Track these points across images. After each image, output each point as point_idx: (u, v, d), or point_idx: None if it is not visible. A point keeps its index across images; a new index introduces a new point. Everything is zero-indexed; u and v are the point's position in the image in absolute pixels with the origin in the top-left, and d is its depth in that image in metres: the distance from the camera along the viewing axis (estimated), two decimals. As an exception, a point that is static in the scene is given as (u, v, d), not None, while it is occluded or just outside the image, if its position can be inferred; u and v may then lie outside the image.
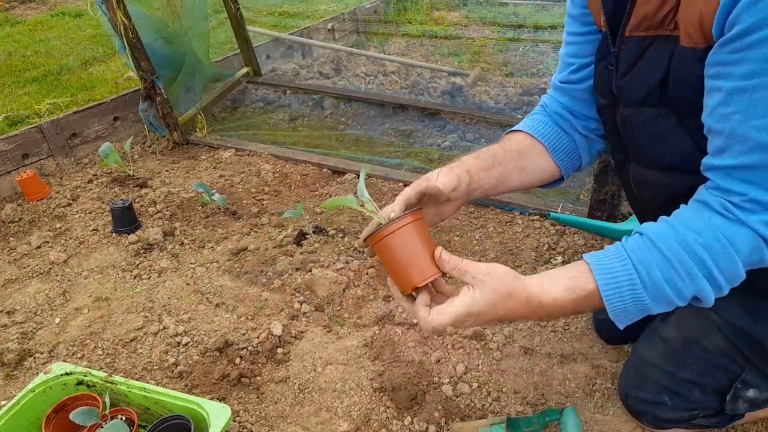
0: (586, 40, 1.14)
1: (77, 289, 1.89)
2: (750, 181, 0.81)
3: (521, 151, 1.17)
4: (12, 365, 1.58)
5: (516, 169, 1.15)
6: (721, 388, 1.14)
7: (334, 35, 4.65)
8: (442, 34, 4.78)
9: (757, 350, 1.09)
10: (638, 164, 1.07)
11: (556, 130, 1.20)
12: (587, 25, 1.13)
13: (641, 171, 1.07)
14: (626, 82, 0.99)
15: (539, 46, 4.31)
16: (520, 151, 1.17)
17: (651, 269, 0.84)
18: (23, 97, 3.68)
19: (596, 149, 1.26)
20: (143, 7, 2.78)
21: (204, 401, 1.25)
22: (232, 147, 2.80)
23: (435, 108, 3.05)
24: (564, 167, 1.21)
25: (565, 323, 1.60)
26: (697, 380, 1.15)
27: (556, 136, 1.19)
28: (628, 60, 0.98)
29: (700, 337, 1.15)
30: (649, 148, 1.01)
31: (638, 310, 0.88)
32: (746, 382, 1.11)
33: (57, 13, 6.12)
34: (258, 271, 1.90)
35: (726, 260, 0.82)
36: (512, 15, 5.15)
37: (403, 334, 1.60)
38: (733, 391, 1.12)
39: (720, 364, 1.13)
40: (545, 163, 1.19)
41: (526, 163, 1.16)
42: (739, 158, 0.80)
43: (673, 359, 1.18)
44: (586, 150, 1.24)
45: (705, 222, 0.84)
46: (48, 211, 2.35)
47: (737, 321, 1.10)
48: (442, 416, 1.33)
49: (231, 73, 3.51)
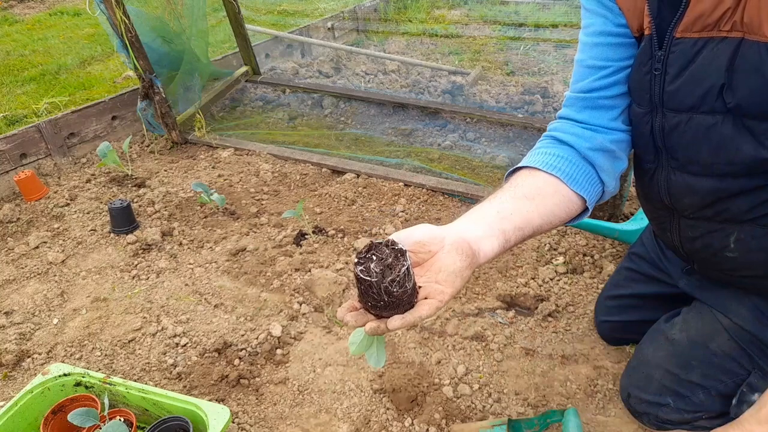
0: (618, 42, 1.02)
1: (75, 289, 1.88)
2: None
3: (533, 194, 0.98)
4: (10, 366, 1.57)
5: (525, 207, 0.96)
6: (725, 391, 1.13)
7: (333, 34, 4.64)
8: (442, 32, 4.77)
9: (765, 354, 1.08)
10: (682, 172, 1.00)
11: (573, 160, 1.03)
12: (619, 26, 1.01)
13: (684, 178, 1.00)
14: (677, 88, 0.92)
15: (540, 44, 4.30)
16: (532, 195, 0.98)
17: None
18: (21, 96, 3.66)
19: (620, 169, 1.09)
20: (142, 6, 2.77)
21: (203, 402, 1.24)
22: (230, 146, 2.79)
23: (435, 107, 3.04)
24: (588, 196, 1.03)
25: (567, 324, 1.59)
26: (702, 382, 1.14)
27: (572, 166, 1.02)
28: (679, 63, 0.90)
29: (707, 340, 1.14)
30: (702, 155, 0.94)
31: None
32: (752, 386, 1.10)
33: (55, 12, 6.11)
34: (257, 272, 1.89)
35: None
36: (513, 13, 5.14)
37: (403, 335, 1.59)
38: (738, 395, 1.11)
39: (726, 367, 1.12)
40: (563, 197, 1.01)
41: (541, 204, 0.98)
42: None
43: (678, 361, 1.17)
44: (610, 172, 1.06)
45: None
46: (46, 211, 2.34)
47: (747, 325, 1.09)
48: (443, 418, 1.32)
49: (230, 72, 3.49)
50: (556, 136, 1.07)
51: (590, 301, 1.66)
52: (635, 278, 1.40)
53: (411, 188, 2.33)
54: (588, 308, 1.64)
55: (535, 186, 0.98)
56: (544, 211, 0.95)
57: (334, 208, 2.25)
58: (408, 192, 2.31)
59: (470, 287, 1.76)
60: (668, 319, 1.26)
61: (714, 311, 1.16)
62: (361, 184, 2.39)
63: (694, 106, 0.91)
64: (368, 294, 0.71)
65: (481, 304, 1.68)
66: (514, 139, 2.79)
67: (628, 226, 1.78)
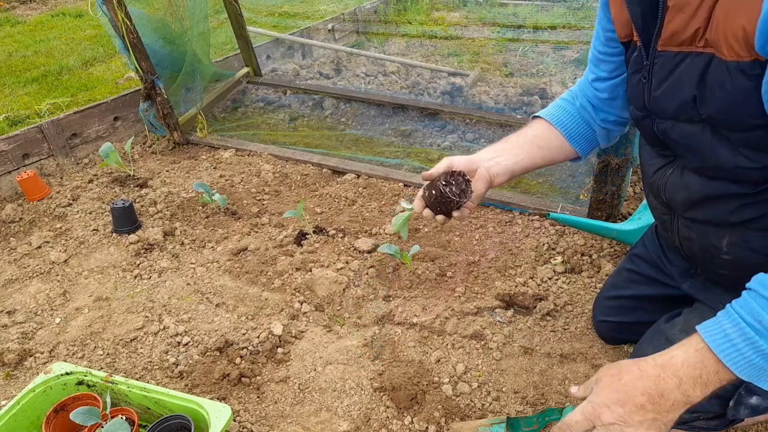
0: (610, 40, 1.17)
1: (77, 289, 1.89)
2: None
3: (537, 135, 1.28)
4: (12, 365, 1.58)
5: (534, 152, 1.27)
6: (724, 393, 1.13)
7: (334, 35, 4.65)
8: (442, 34, 4.79)
9: None
10: (680, 168, 1.07)
11: (577, 120, 1.29)
12: (607, 32, 1.15)
13: (682, 175, 1.06)
14: (659, 97, 0.99)
15: (539, 46, 4.32)
16: (536, 136, 1.28)
17: (761, 316, 0.78)
18: (24, 97, 3.68)
19: (614, 135, 1.34)
20: (144, 7, 2.78)
21: (204, 401, 1.25)
22: (232, 147, 2.81)
23: (435, 108, 3.06)
24: (581, 150, 1.30)
25: (565, 323, 1.60)
26: None
27: (575, 125, 1.29)
28: (660, 74, 0.97)
29: None
30: (692, 157, 1.01)
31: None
32: (750, 388, 1.10)
33: (57, 14, 6.13)
34: (258, 271, 1.90)
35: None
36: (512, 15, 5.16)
37: (402, 333, 1.60)
38: (736, 398, 1.11)
39: None
40: (561, 147, 1.29)
41: (544, 147, 1.28)
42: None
43: None
44: (604, 137, 1.32)
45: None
46: (48, 211, 2.35)
47: None
48: (442, 416, 1.33)
49: (231, 74, 3.51)
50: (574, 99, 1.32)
51: (588, 301, 1.67)
52: (635, 279, 1.41)
53: (411, 188, 2.34)
54: (586, 307, 1.65)
55: (547, 139, 1.27)
56: (548, 156, 1.27)
57: (334, 208, 2.26)
58: (408, 192, 2.32)
59: (470, 287, 1.77)
60: (669, 320, 1.27)
61: (714, 312, 1.16)
62: (362, 184, 2.40)
63: (675, 115, 0.98)
64: (446, 204, 1.10)
65: (480, 303, 1.69)
66: (514, 140, 2.80)
67: (626, 226, 1.79)
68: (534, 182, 2.42)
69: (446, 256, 1.92)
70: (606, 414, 0.85)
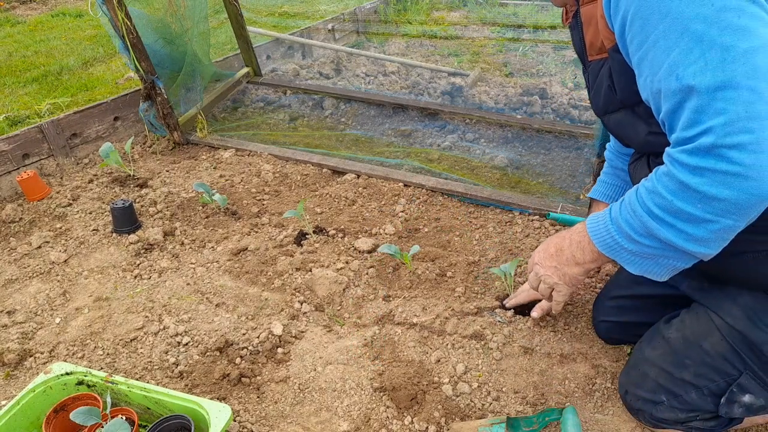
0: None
1: (77, 289, 1.89)
2: (672, 125, 0.90)
3: None
4: (12, 365, 1.58)
5: None
6: (717, 391, 1.14)
7: (334, 35, 4.66)
8: (441, 34, 4.79)
9: (755, 355, 1.09)
10: (634, 157, 1.29)
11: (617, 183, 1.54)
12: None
13: (637, 163, 1.26)
14: (592, 98, 1.24)
15: (539, 46, 4.32)
16: None
17: (617, 214, 1.05)
18: (24, 97, 3.68)
19: None
20: (144, 7, 2.78)
21: (204, 401, 1.25)
22: (232, 147, 2.81)
23: (435, 108, 3.06)
24: None
25: (565, 323, 1.60)
26: (694, 381, 1.15)
27: (618, 191, 1.53)
28: (591, 79, 1.22)
29: (700, 339, 1.15)
30: (629, 142, 1.22)
31: (617, 244, 1.05)
32: (742, 386, 1.11)
33: (57, 14, 6.13)
34: (258, 271, 1.90)
35: (653, 195, 0.94)
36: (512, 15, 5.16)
37: (402, 333, 1.60)
38: (728, 395, 1.12)
39: (718, 366, 1.13)
40: None
41: None
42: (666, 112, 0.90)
43: (672, 359, 1.19)
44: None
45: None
46: (48, 211, 2.35)
47: (737, 324, 1.10)
48: (442, 416, 1.33)
49: (231, 74, 3.51)
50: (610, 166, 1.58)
51: (588, 301, 1.67)
52: (636, 279, 1.41)
53: (411, 188, 2.34)
54: (586, 307, 1.65)
55: None
56: None
57: (334, 208, 2.26)
58: (408, 192, 2.32)
59: (469, 287, 1.77)
60: (668, 320, 1.27)
61: (709, 311, 1.17)
62: (362, 184, 2.40)
63: (606, 110, 1.19)
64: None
65: (480, 303, 1.69)
66: (513, 140, 2.80)
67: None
68: (534, 182, 2.43)
69: (446, 256, 1.92)
70: (535, 257, 1.30)
